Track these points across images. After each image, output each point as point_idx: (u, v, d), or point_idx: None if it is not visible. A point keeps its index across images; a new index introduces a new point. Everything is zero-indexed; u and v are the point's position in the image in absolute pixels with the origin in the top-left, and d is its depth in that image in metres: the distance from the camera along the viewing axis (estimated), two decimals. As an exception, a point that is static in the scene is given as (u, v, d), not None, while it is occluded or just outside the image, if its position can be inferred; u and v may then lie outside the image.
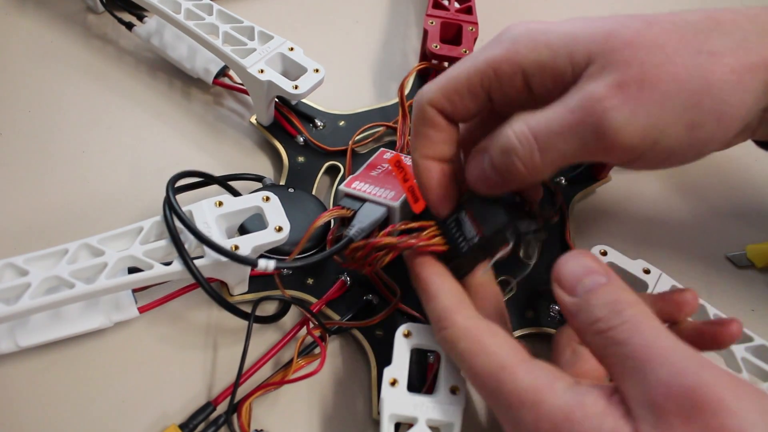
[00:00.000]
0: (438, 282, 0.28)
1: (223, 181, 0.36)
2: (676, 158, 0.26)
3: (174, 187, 0.31)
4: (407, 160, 0.36)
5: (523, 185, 0.28)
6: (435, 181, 0.29)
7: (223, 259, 0.29)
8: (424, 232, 0.30)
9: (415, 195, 0.31)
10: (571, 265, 0.25)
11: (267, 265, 0.29)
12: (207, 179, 0.35)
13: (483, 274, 0.30)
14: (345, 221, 0.33)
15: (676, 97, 0.24)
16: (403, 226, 0.30)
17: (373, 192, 0.33)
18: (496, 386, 0.24)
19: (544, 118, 0.26)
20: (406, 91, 0.42)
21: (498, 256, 0.29)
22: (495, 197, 0.29)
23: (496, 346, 0.25)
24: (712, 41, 0.25)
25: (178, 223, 0.30)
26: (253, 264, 0.29)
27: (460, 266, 0.30)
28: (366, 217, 0.32)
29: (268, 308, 0.36)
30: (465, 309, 0.27)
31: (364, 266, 0.30)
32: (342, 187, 0.34)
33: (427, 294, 0.28)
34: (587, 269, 0.24)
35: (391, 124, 0.42)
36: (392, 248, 0.29)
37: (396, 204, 0.32)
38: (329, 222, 0.36)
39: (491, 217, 0.29)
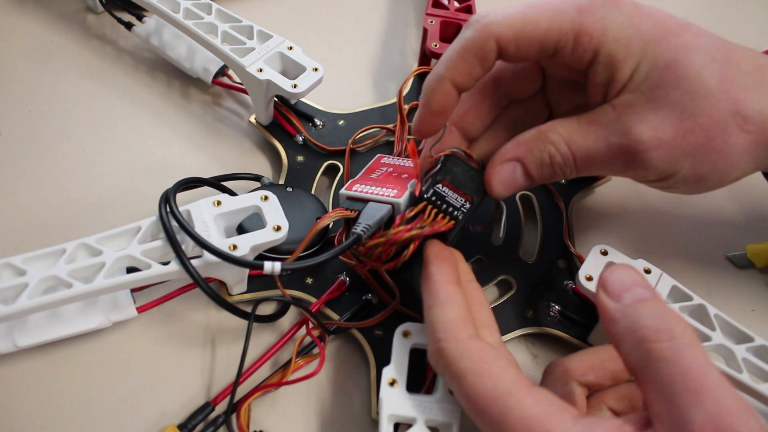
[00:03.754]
0: (451, 291, 0.27)
1: (217, 183, 0.36)
2: (675, 192, 0.30)
3: (175, 197, 0.31)
4: (403, 162, 0.36)
5: None
6: (442, 103, 0.28)
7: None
8: (426, 214, 0.30)
9: None
10: (621, 273, 0.24)
11: (273, 268, 0.28)
12: (200, 183, 0.35)
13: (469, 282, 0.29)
14: (349, 222, 0.32)
15: (699, 151, 0.27)
16: (410, 214, 0.30)
17: (375, 192, 0.33)
18: (501, 411, 0.23)
19: (585, 145, 0.28)
20: (405, 92, 0.42)
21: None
22: (458, 161, 0.30)
23: (502, 370, 0.24)
24: (750, 104, 0.26)
25: (175, 224, 0.30)
26: (259, 267, 0.28)
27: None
28: (370, 215, 0.31)
29: (267, 307, 0.35)
30: (470, 326, 0.26)
31: (382, 264, 0.30)
32: (343, 191, 0.33)
33: (435, 299, 0.27)
34: (636, 281, 0.23)
35: (390, 127, 0.42)
36: (416, 238, 0.29)
37: (400, 200, 0.32)
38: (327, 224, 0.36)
39: (470, 182, 0.30)
